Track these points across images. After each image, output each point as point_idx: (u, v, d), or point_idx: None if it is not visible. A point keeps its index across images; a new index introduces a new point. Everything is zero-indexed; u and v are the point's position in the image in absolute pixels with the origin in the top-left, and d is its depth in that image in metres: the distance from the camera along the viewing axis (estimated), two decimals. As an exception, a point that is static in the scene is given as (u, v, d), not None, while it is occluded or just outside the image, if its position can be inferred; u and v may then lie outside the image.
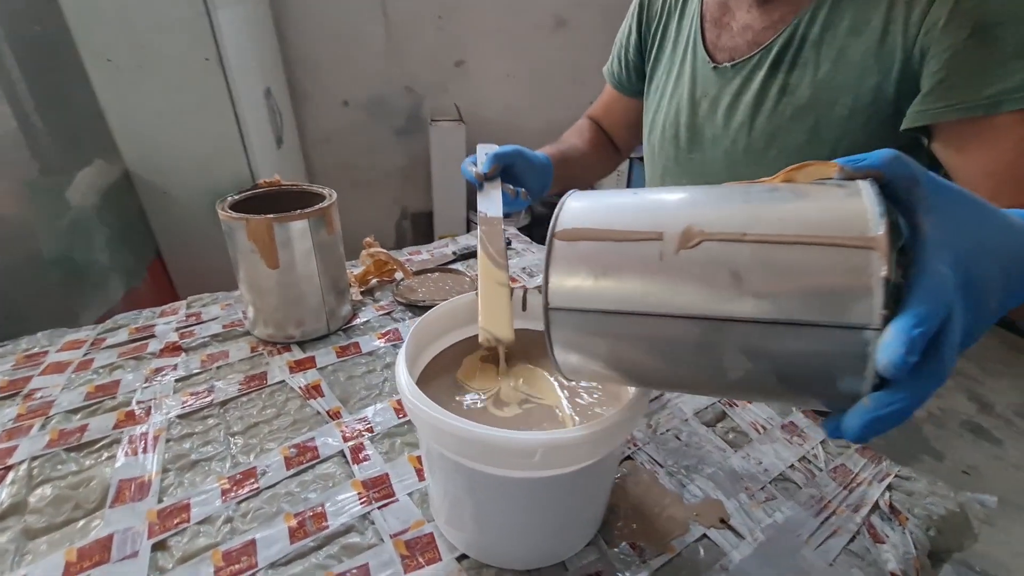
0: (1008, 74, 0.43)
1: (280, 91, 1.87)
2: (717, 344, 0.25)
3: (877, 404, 0.22)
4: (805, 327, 0.23)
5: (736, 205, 0.27)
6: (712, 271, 0.25)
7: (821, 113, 0.53)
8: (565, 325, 0.29)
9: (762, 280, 0.24)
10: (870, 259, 0.22)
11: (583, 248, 0.28)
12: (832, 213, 0.24)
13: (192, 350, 0.66)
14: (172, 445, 0.51)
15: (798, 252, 0.23)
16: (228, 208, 0.63)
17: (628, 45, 0.76)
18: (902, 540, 0.44)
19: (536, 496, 0.37)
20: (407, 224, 2.47)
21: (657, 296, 0.26)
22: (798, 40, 0.53)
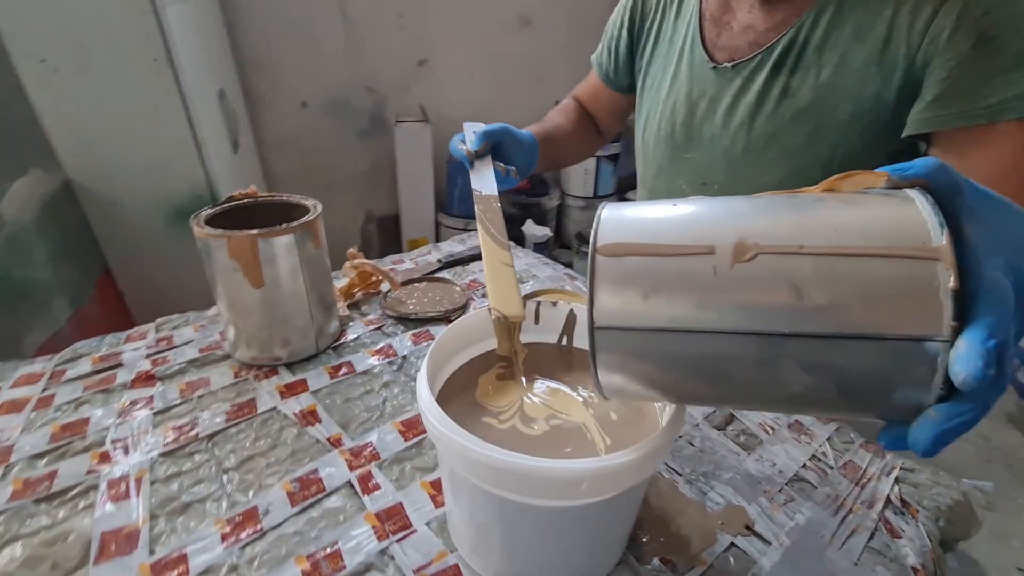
0: (1009, 83, 0.44)
1: (234, 93, 1.78)
2: (777, 360, 0.24)
3: (945, 416, 0.22)
4: (870, 340, 0.22)
5: (786, 216, 0.26)
6: (771, 285, 0.24)
7: (821, 117, 0.54)
8: (612, 345, 0.28)
9: (825, 293, 0.23)
10: (936, 270, 0.21)
11: (630, 264, 0.27)
12: (890, 223, 0.23)
13: (168, 378, 0.61)
14: (158, 487, 0.47)
15: (861, 264, 0.23)
16: (203, 223, 0.59)
17: (619, 40, 0.75)
18: (917, 533, 0.45)
19: (571, 522, 0.36)
20: (373, 228, 2.41)
21: (714, 313, 0.25)
22: (800, 43, 0.54)
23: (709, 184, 0.63)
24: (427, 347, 0.67)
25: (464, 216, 2.20)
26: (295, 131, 2.08)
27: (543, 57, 2.36)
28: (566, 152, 0.82)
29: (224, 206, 0.64)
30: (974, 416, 0.21)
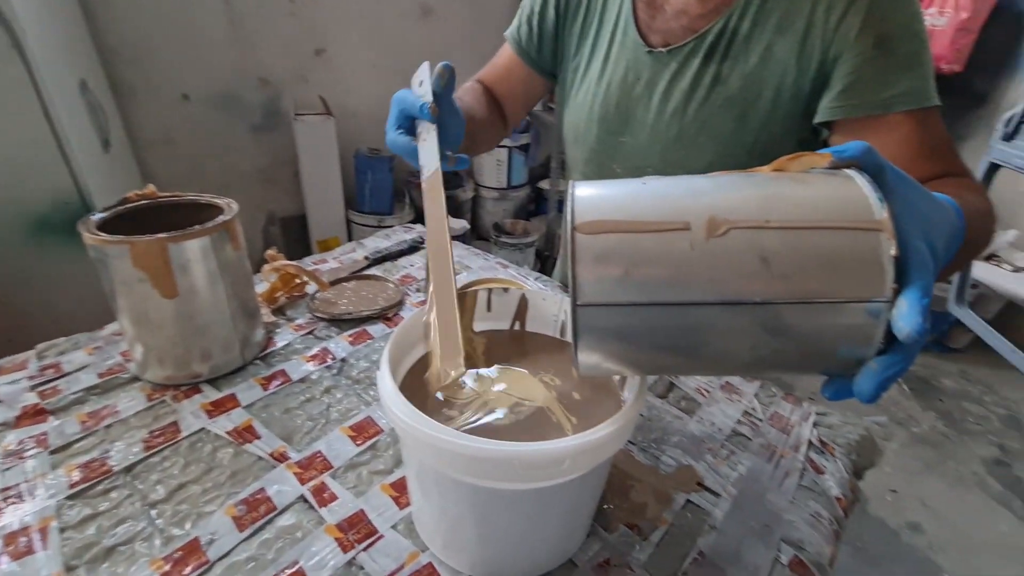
0: (900, 80, 0.51)
1: (98, 85, 1.56)
2: (748, 327, 0.27)
3: (885, 366, 0.25)
4: (827, 304, 0.25)
5: (750, 192, 0.28)
6: (743, 258, 0.26)
7: (748, 104, 0.58)
8: (595, 321, 0.28)
9: (789, 263, 0.25)
10: (879, 239, 0.24)
11: (610, 241, 0.28)
12: (840, 199, 0.26)
13: (62, 411, 0.53)
14: (71, 534, 0.41)
15: (818, 236, 0.25)
16: (96, 229, 0.51)
17: (543, 17, 0.72)
18: (836, 468, 0.51)
19: (547, 502, 0.36)
20: (276, 230, 2.24)
21: (692, 285, 0.26)
22: (730, 32, 0.57)
23: (643, 168, 0.66)
24: (367, 347, 0.64)
25: (377, 213, 2.12)
26: (176, 127, 1.87)
27: (447, 47, 2.33)
28: (480, 137, 0.72)
29: (117, 209, 0.56)
30: (908, 364, 0.25)
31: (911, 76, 0.51)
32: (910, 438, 1.74)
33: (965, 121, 2.17)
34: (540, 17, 0.73)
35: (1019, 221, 2.08)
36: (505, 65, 0.79)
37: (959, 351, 2.19)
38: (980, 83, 2.10)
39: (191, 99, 1.87)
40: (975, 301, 1.99)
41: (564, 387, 0.44)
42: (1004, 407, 1.91)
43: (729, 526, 0.45)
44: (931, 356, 2.17)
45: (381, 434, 0.51)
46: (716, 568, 0.41)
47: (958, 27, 1.91)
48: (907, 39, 0.51)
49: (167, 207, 0.60)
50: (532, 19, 0.74)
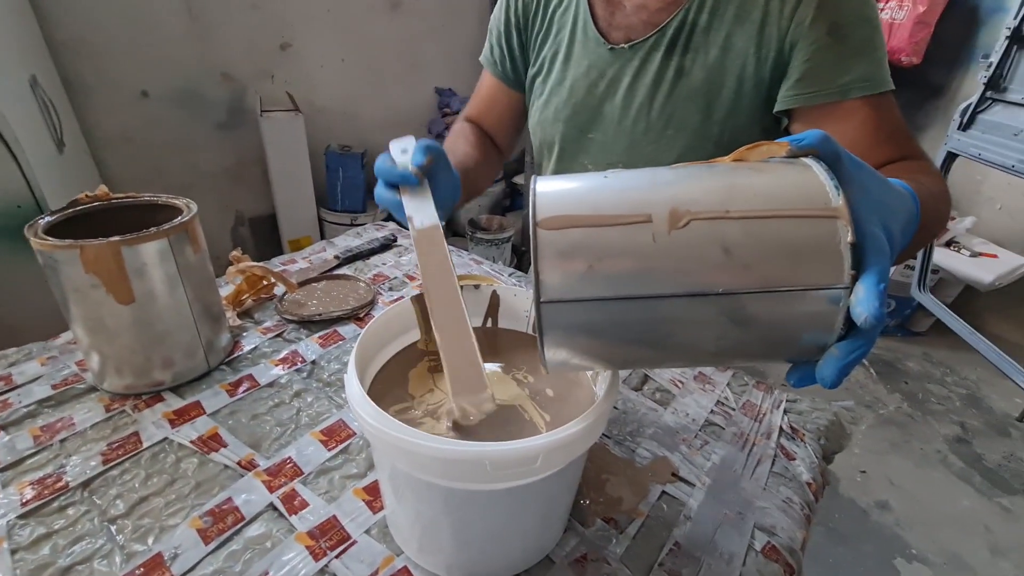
0: (855, 67, 0.52)
1: (50, 81, 1.49)
2: (712, 318, 0.26)
3: (846, 351, 0.25)
4: (788, 292, 0.25)
5: (710, 182, 0.28)
6: (705, 249, 0.26)
7: (712, 95, 0.58)
8: (559, 318, 0.28)
9: (750, 253, 0.25)
10: (836, 227, 0.25)
11: (572, 236, 0.27)
12: (798, 187, 0.26)
13: (13, 425, 0.50)
14: (24, 556, 0.39)
15: (778, 225, 0.25)
16: (43, 233, 0.49)
17: (508, 33, 0.73)
18: (806, 453, 0.52)
19: (522, 501, 0.36)
20: (245, 231, 2.18)
21: (656, 278, 0.26)
22: (690, 25, 0.57)
23: (613, 164, 0.66)
24: (337, 348, 0.63)
25: (350, 211, 2.09)
26: (135, 125, 1.80)
27: (416, 41, 2.30)
28: (478, 180, 0.72)
29: (67, 212, 0.54)
30: (868, 348, 0.25)
31: (865, 62, 0.52)
32: (877, 420, 1.80)
33: (923, 112, 2.25)
34: (505, 34, 0.73)
35: (976, 208, 2.17)
36: (488, 93, 0.79)
37: (921, 334, 2.27)
38: (937, 75, 2.17)
39: (150, 96, 1.80)
40: (935, 286, 2.07)
41: (537, 384, 0.43)
42: (964, 387, 1.99)
43: (704, 515, 0.45)
44: (895, 340, 2.25)
45: (353, 437, 0.50)
46: (692, 558, 0.42)
47: (916, 20, 1.97)
48: (859, 25, 0.52)
49: (121, 209, 0.57)
50: (500, 38, 0.74)
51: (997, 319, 2.15)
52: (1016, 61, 1.49)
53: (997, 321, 2.15)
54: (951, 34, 2.05)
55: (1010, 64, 1.50)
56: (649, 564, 0.41)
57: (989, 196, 2.14)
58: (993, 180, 2.08)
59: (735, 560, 0.42)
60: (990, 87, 1.54)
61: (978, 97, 1.56)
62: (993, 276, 1.84)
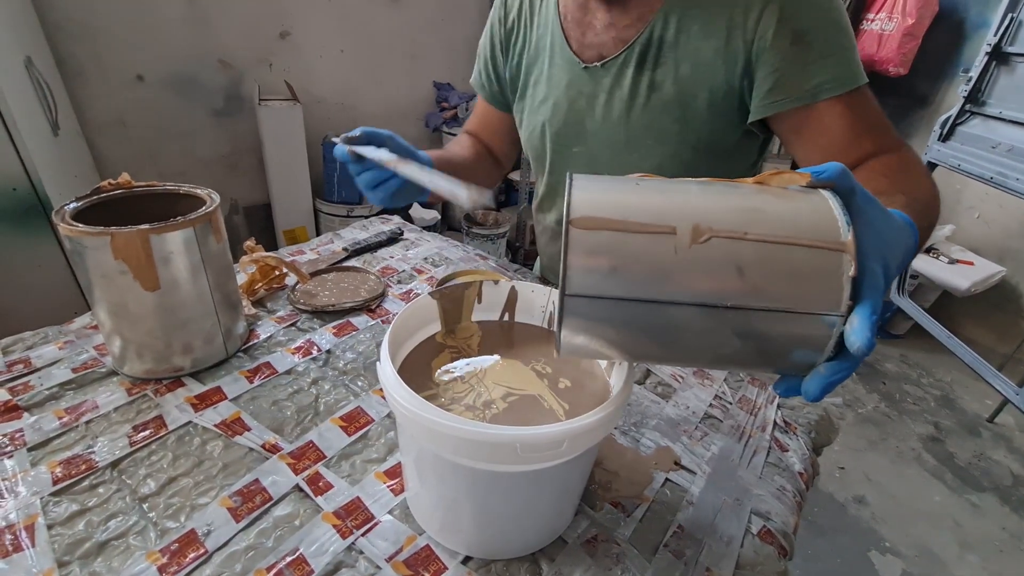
0: (821, 70, 0.53)
1: (44, 63, 1.47)
2: (717, 328, 0.29)
3: (831, 372, 0.28)
4: (790, 313, 0.28)
5: (732, 204, 0.30)
6: (720, 265, 0.28)
7: (686, 106, 0.60)
8: (579, 311, 0.30)
9: (761, 275, 0.28)
10: (842, 260, 0.27)
11: (601, 238, 0.29)
12: (812, 218, 0.29)
13: (37, 407, 0.51)
14: (60, 531, 0.40)
15: (789, 252, 0.28)
16: (71, 220, 0.50)
17: (495, 61, 0.75)
18: (798, 445, 0.56)
19: (542, 483, 0.39)
20: (239, 219, 2.17)
21: (672, 286, 0.29)
22: (657, 40, 0.59)
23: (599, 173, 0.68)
24: (351, 339, 0.65)
25: (346, 202, 2.09)
26: (130, 110, 1.79)
27: (416, 34, 2.30)
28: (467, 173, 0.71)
29: (91, 199, 0.54)
30: (852, 371, 0.28)
31: (832, 64, 0.53)
32: (856, 418, 1.86)
33: (909, 121, 2.32)
34: (491, 60, 0.76)
35: (955, 217, 2.25)
36: (481, 112, 0.83)
37: (900, 337, 2.34)
38: (923, 86, 2.24)
39: (146, 80, 1.78)
40: (914, 291, 2.14)
41: (555, 375, 0.46)
42: (939, 389, 2.07)
43: (705, 501, 0.48)
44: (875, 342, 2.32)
45: (372, 423, 0.52)
46: (694, 539, 0.45)
47: (904, 32, 2.03)
48: (823, 29, 0.53)
49: (143, 198, 0.58)
50: (487, 64, 0.77)
51: (972, 324, 2.24)
52: (995, 76, 1.55)
53: (972, 326, 2.23)
54: (937, 47, 2.11)
55: (989, 79, 1.56)
56: (655, 545, 0.44)
57: (968, 205, 2.22)
58: (972, 189, 2.16)
59: (734, 542, 0.45)
60: (969, 100, 1.60)
61: (957, 110, 1.62)
62: (969, 283, 1.92)
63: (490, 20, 0.76)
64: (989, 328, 2.21)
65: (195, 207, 0.55)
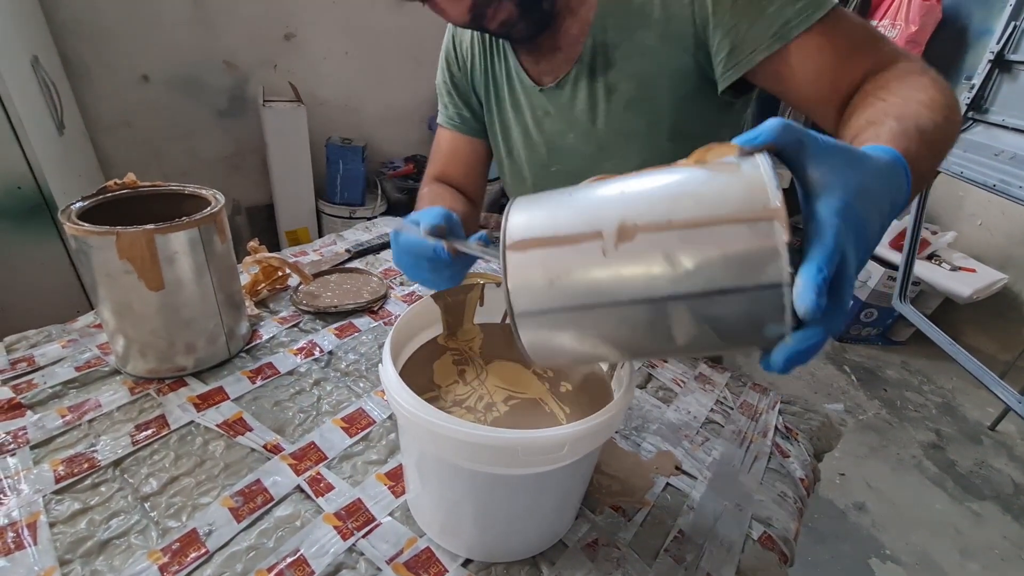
0: (780, 11, 0.48)
1: (51, 63, 1.48)
2: (665, 319, 0.28)
3: (796, 341, 0.26)
4: (732, 293, 0.26)
5: (658, 194, 0.29)
6: (648, 259, 0.28)
7: (647, 99, 0.59)
8: (531, 327, 0.31)
9: (690, 260, 0.27)
10: (774, 228, 0.25)
11: (534, 256, 0.30)
12: (738, 191, 0.27)
13: (40, 405, 0.51)
14: (62, 529, 0.40)
15: (715, 232, 0.27)
16: (77, 219, 0.50)
17: (457, 87, 0.75)
18: (799, 451, 0.56)
19: (542, 487, 0.39)
20: (242, 220, 2.17)
21: (607, 288, 0.29)
22: (600, 46, 0.59)
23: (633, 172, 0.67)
24: (353, 340, 0.65)
25: (349, 203, 2.09)
26: (135, 110, 1.79)
27: (421, 37, 2.30)
28: None
29: (97, 199, 0.55)
30: (819, 339, 0.25)
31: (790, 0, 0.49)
32: (857, 425, 1.86)
33: (911, 128, 2.31)
34: (454, 88, 0.75)
35: (957, 224, 2.24)
36: (449, 148, 0.79)
37: (901, 344, 2.34)
38: (925, 93, 2.23)
39: (151, 80, 1.79)
40: (916, 298, 2.14)
41: (556, 379, 0.46)
42: (940, 396, 2.06)
43: (705, 506, 0.48)
44: (876, 349, 2.32)
45: (374, 425, 0.52)
46: (695, 544, 0.45)
47: (908, 39, 2.03)
48: None
49: (148, 198, 0.59)
50: (451, 94, 0.76)
51: (974, 331, 2.23)
52: (998, 84, 1.55)
53: (974, 333, 2.23)
54: (940, 54, 2.12)
55: (992, 86, 1.56)
56: (655, 550, 0.44)
57: (970, 212, 2.22)
58: (974, 196, 2.16)
59: (734, 548, 0.45)
60: (972, 108, 1.60)
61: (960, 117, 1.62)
62: (971, 290, 1.91)
63: (444, 54, 0.76)
64: (991, 336, 2.20)
65: (200, 207, 0.55)
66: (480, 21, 0.56)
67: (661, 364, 0.66)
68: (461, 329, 0.50)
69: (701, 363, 0.68)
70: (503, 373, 0.46)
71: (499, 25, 0.56)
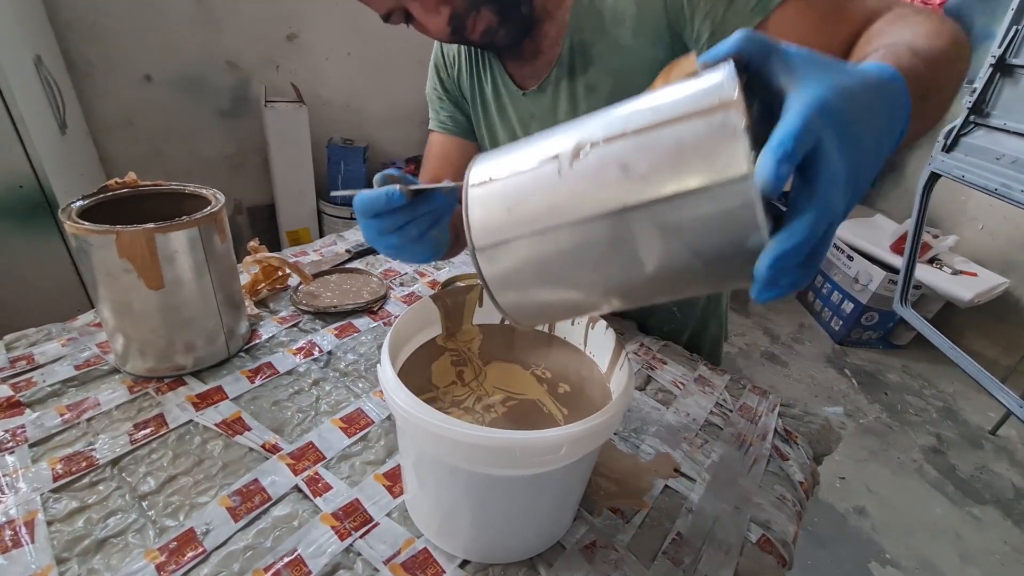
0: None
1: (54, 62, 1.48)
2: (629, 235, 0.26)
3: (777, 242, 0.23)
4: (692, 194, 0.24)
5: (617, 112, 0.28)
6: (603, 170, 0.26)
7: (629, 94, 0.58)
8: (493, 262, 0.30)
9: (645, 163, 0.25)
10: (729, 116, 0.23)
11: (493, 188, 0.30)
12: (695, 93, 0.25)
13: (39, 403, 0.51)
14: (59, 528, 0.40)
15: (670, 130, 0.25)
16: (77, 217, 0.50)
17: (448, 93, 0.75)
18: (798, 454, 0.56)
19: (540, 488, 0.38)
20: (243, 220, 2.18)
21: (564, 207, 0.27)
22: (577, 46, 0.59)
23: None
24: (353, 340, 0.65)
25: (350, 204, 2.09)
26: (137, 109, 1.80)
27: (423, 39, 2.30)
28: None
29: (98, 198, 0.55)
30: (802, 237, 0.22)
31: None
32: (858, 429, 1.86)
33: (913, 132, 2.31)
34: (445, 93, 0.75)
35: (959, 228, 2.24)
36: (440, 152, 0.78)
37: (902, 347, 2.34)
38: (927, 96, 2.23)
39: (154, 80, 1.80)
40: (917, 301, 2.14)
41: (553, 380, 0.46)
42: (941, 400, 2.06)
43: (704, 508, 0.48)
44: (877, 352, 2.32)
45: (372, 425, 0.52)
46: (693, 547, 0.44)
47: (909, 43, 2.02)
48: None
49: (148, 197, 0.59)
50: (442, 99, 0.76)
51: (975, 335, 2.23)
52: (999, 87, 1.55)
53: (975, 337, 2.22)
54: (942, 58, 2.11)
55: (993, 90, 1.56)
56: (653, 552, 0.44)
57: (972, 216, 2.22)
58: (976, 200, 2.16)
59: (732, 551, 0.45)
60: (974, 111, 1.60)
61: (962, 121, 1.62)
62: (972, 294, 1.91)
63: (432, 63, 0.76)
64: (992, 340, 2.20)
65: (200, 207, 0.55)
66: (461, 33, 0.56)
67: (660, 366, 0.66)
68: (460, 330, 0.50)
69: (701, 365, 0.68)
70: (501, 374, 0.46)
71: (481, 35, 0.56)
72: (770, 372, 2.12)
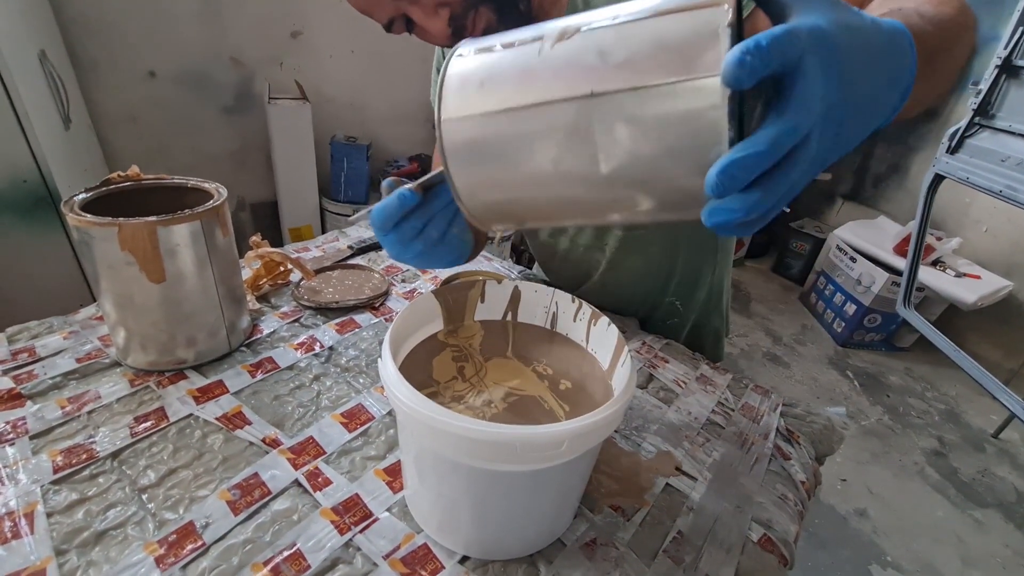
0: None
1: (58, 57, 1.49)
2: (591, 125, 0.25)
3: (734, 150, 0.21)
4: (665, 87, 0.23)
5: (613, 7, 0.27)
6: (581, 54, 0.26)
7: None
8: (456, 135, 0.29)
9: (624, 52, 0.24)
10: (716, 14, 0.22)
11: (473, 61, 0.29)
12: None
13: (40, 395, 0.51)
14: (59, 519, 0.40)
15: (656, 22, 0.24)
16: (79, 210, 0.50)
17: None
18: (800, 454, 0.55)
19: (541, 484, 0.38)
20: (246, 216, 2.18)
21: (534, 87, 0.27)
22: None
23: None
24: (354, 336, 0.65)
25: (353, 201, 2.10)
26: (141, 105, 1.80)
27: (426, 37, 2.31)
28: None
29: (100, 190, 0.55)
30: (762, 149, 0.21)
31: None
32: (859, 430, 1.85)
33: (918, 134, 2.31)
34: None
35: (963, 230, 2.23)
36: None
37: (905, 349, 2.33)
38: (932, 98, 2.23)
39: (158, 76, 1.80)
40: (920, 304, 2.13)
41: (555, 376, 0.46)
42: (943, 403, 2.05)
43: (705, 507, 0.48)
44: (879, 354, 2.31)
45: (373, 421, 0.52)
46: (694, 546, 0.44)
47: (915, 44, 2.02)
48: None
49: (151, 190, 0.59)
50: None
51: (977, 338, 2.22)
52: (1005, 89, 1.54)
53: (977, 340, 2.22)
54: (947, 59, 2.10)
55: (999, 92, 1.55)
56: (654, 550, 0.44)
57: (976, 218, 2.21)
58: (980, 203, 2.15)
59: (733, 550, 0.44)
60: (979, 113, 1.59)
61: (966, 122, 1.61)
62: (976, 296, 1.90)
63: (435, 63, 0.75)
64: (995, 343, 2.19)
65: (202, 201, 0.55)
66: (462, 34, 0.56)
67: (662, 364, 0.66)
68: (462, 325, 0.50)
69: (703, 364, 0.67)
70: (502, 370, 0.46)
71: (481, 34, 0.56)
72: (772, 373, 2.12)
